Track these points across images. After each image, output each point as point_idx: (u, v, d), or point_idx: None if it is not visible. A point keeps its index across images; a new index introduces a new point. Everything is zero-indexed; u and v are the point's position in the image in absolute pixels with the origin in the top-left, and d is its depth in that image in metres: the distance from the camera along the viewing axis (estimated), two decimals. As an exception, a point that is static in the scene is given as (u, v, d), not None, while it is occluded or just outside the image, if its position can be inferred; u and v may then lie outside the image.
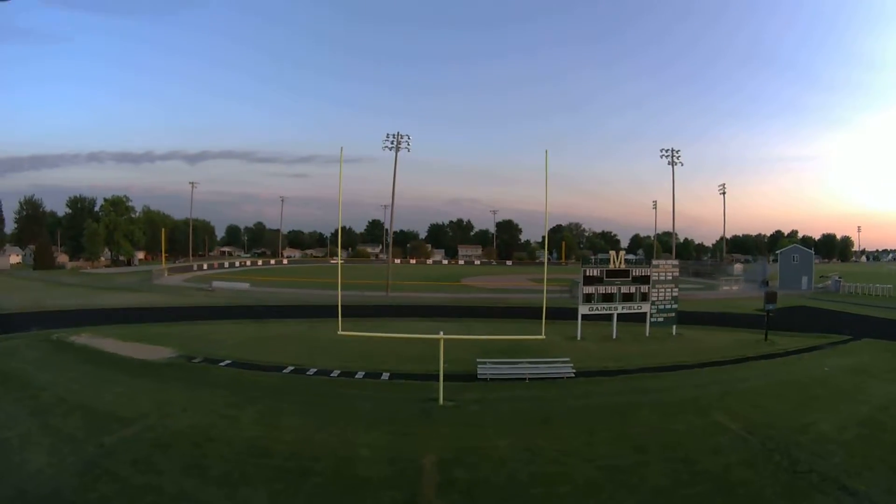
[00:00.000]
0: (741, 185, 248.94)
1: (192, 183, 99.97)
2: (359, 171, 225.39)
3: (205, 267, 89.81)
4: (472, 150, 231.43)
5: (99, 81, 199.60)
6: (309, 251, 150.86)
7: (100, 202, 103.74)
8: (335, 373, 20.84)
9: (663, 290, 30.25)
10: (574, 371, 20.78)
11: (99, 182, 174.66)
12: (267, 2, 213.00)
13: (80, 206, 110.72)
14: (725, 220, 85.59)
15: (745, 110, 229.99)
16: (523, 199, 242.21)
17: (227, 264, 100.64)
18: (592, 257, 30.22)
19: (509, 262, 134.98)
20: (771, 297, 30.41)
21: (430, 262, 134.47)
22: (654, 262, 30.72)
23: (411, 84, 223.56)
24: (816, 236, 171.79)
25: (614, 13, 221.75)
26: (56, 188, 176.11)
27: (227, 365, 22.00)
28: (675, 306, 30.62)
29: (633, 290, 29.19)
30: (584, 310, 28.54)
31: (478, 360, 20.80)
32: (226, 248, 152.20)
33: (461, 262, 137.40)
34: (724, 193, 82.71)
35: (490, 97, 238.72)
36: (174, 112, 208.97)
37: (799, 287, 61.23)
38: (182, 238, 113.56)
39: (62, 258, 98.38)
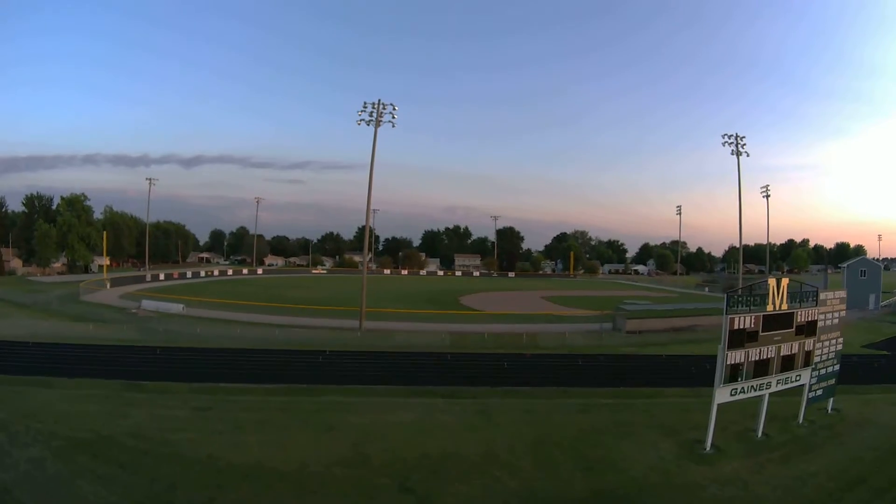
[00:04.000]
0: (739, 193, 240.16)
1: (150, 179, 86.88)
2: (352, 176, 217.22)
3: (161, 277, 76.71)
4: (470, 157, 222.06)
5: (96, 86, 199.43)
6: (292, 259, 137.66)
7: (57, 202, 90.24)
8: None
9: (828, 342, 17.63)
10: None
11: (93, 184, 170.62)
12: (263, 11, 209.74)
13: (37, 205, 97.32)
14: (761, 228, 73.69)
15: (744, 120, 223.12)
16: (523, 207, 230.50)
17: (189, 273, 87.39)
18: (741, 291, 16.07)
19: (511, 274, 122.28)
20: None
21: (423, 272, 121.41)
22: (822, 294, 17.26)
23: (406, 93, 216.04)
24: (827, 245, 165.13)
25: (614, 26, 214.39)
26: (51, 189, 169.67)
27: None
28: (837, 368, 18.26)
29: (795, 348, 16.20)
30: (724, 395, 15.03)
31: None
32: (205, 255, 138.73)
33: (458, 272, 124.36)
34: (767, 196, 70.54)
35: (487, 108, 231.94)
36: (170, 117, 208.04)
37: (866, 307, 50.96)
38: (153, 242, 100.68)
39: (15, 263, 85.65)
